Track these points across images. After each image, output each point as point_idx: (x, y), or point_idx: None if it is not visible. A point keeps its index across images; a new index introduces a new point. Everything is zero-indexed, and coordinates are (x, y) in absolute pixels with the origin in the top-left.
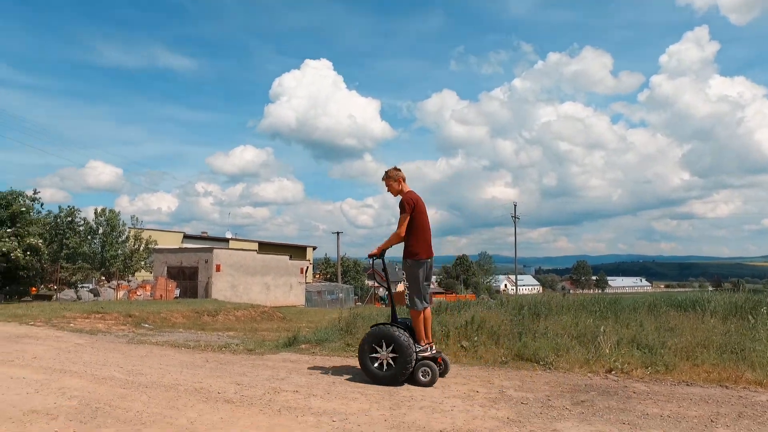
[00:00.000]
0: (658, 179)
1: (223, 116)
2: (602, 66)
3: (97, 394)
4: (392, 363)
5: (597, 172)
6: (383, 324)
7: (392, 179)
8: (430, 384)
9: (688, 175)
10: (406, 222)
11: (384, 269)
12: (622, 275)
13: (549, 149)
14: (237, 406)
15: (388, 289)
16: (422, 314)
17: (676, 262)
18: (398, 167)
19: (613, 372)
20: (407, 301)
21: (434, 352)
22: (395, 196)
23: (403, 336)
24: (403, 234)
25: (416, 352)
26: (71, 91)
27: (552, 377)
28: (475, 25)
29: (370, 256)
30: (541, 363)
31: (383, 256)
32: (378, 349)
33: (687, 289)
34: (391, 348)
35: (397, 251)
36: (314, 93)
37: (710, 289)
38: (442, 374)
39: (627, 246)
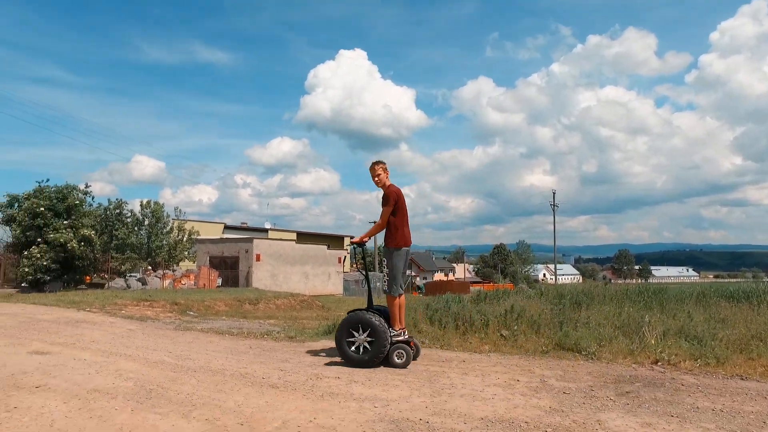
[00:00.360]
0: (707, 164)
1: (259, 109)
2: (646, 47)
3: (150, 377)
4: (368, 347)
5: (640, 158)
6: (360, 310)
7: (382, 170)
8: (404, 366)
9: (740, 160)
10: (389, 214)
11: (363, 257)
12: (667, 265)
13: (589, 135)
14: (281, 390)
15: (366, 276)
16: (398, 300)
17: (726, 251)
18: (383, 160)
19: (659, 363)
20: (385, 287)
21: (407, 336)
22: (379, 186)
23: (379, 321)
24: (384, 225)
25: (391, 337)
26: (116, 88)
27: (595, 367)
28: (510, 9)
29: (352, 243)
30: (583, 353)
31: (364, 245)
32: (355, 333)
33: (739, 280)
34: (367, 332)
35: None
36: (349, 83)
37: (765, 279)
38: (414, 357)
39: (673, 234)
